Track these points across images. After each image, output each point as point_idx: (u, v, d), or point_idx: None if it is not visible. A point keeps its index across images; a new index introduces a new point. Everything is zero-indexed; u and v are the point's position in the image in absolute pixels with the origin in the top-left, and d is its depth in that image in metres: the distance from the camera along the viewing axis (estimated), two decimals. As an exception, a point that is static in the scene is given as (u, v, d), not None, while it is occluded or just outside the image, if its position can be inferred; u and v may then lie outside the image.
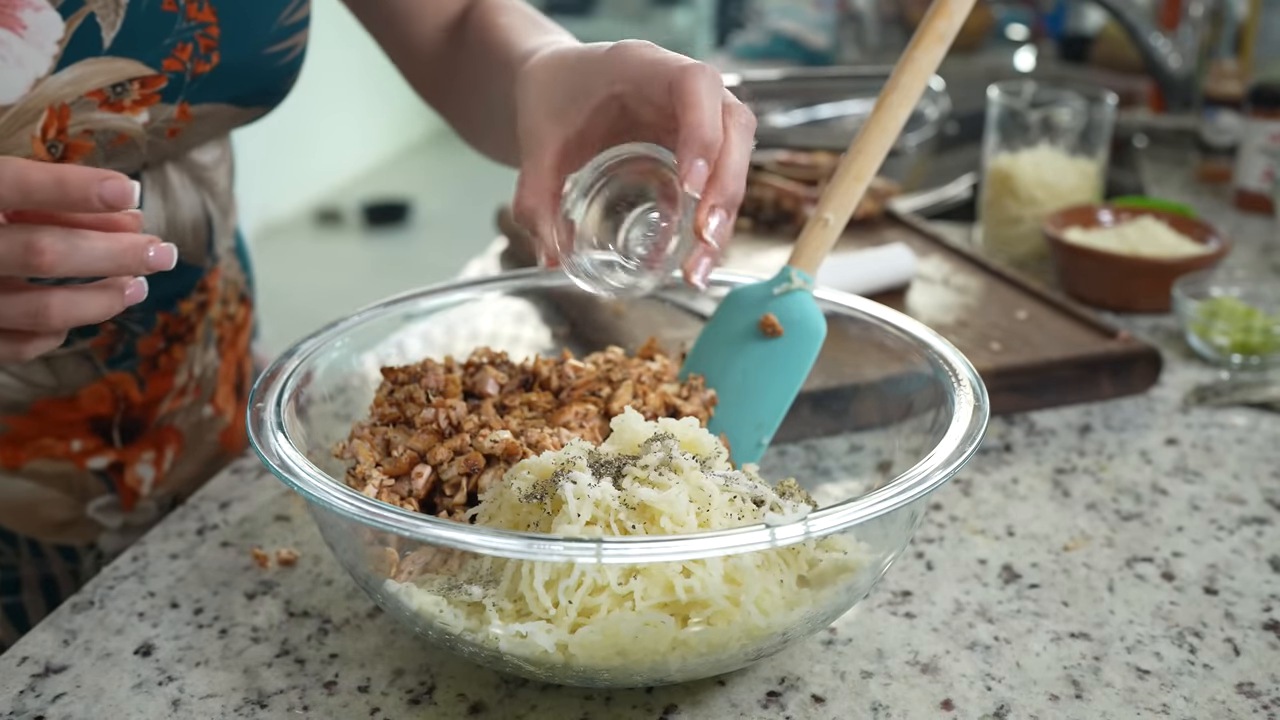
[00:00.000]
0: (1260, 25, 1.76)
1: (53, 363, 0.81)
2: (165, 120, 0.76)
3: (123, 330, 0.83)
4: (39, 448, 0.83)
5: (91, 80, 0.71)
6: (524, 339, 0.97)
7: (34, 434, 0.83)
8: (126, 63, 0.72)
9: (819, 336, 0.74)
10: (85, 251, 0.58)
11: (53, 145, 0.71)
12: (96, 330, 0.82)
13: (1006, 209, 1.31)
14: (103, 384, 0.84)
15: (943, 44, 0.76)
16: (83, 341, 0.81)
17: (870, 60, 2.51)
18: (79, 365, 0.82)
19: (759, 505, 0.62)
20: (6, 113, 0.68)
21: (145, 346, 0.85)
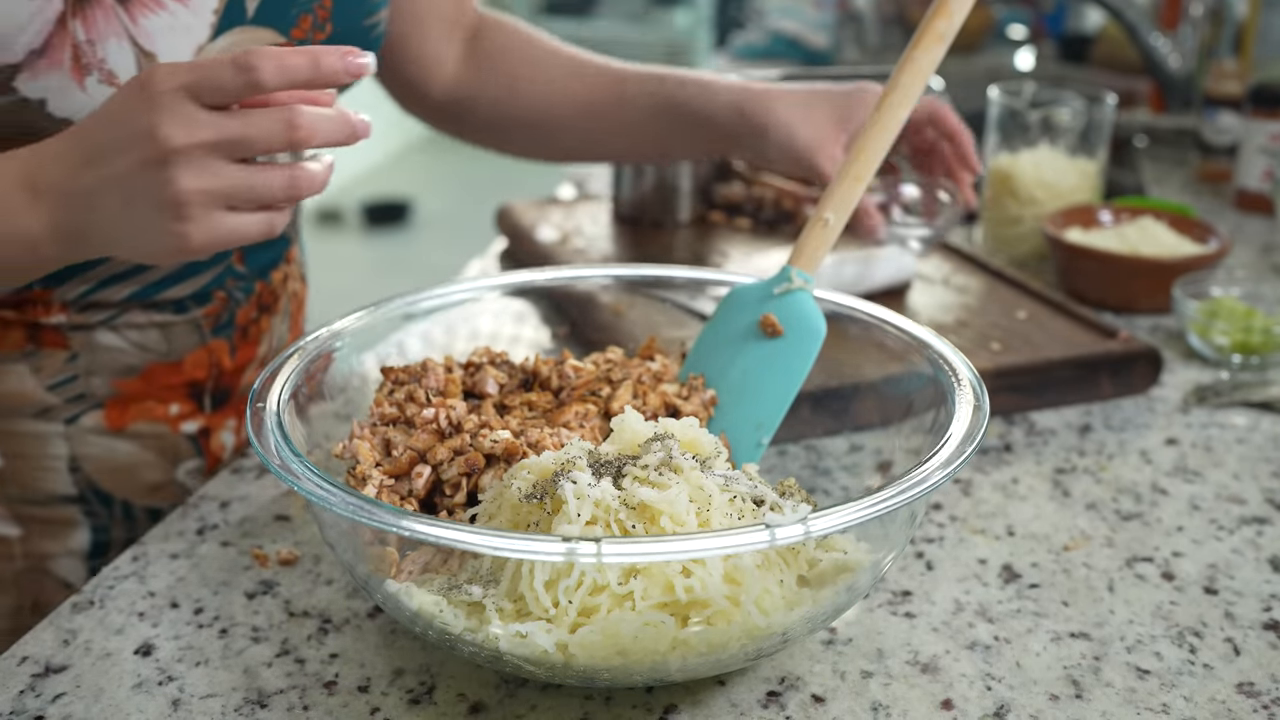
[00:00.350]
0: (1260, 25, 1.76)
1: (167, 330, 0.88)
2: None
3: (229, 299, 0.91)
4: (142, 410, 0.89)
5: (239, 47, 0.78)
6: (524, 339, 0.97)
7: (139, 397, 0.88)
8: (266, 31, 0.80)
9: (819, 336, 0.74)
10: (325, 120, 0.65)
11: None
12: (210, 299, 0.89)
13: (1006, 209, 1.31)
14: (204, 350, 0.90)
15: (943, 44, 0.76)
16: (198, 309, 0.88)
17: (870, 60, 2.51)
18: (190, 332, 0.89)
19: (759, 505, 0.62)
20: None
21: (242, 315, 0.92)
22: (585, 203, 1.40)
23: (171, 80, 0.63)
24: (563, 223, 1.32)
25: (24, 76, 0.71)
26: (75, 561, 0.89)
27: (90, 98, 0.73)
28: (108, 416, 0.87)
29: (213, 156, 0.63)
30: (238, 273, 0.90)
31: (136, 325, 0.86)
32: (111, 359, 0.86)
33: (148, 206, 0.64)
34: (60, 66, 0.72)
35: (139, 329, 0.86)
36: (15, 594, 0.88)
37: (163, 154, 0.63)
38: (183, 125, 0.63)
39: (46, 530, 0.88)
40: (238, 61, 0.62)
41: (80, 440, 0.87)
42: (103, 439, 0.88)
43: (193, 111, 0.63)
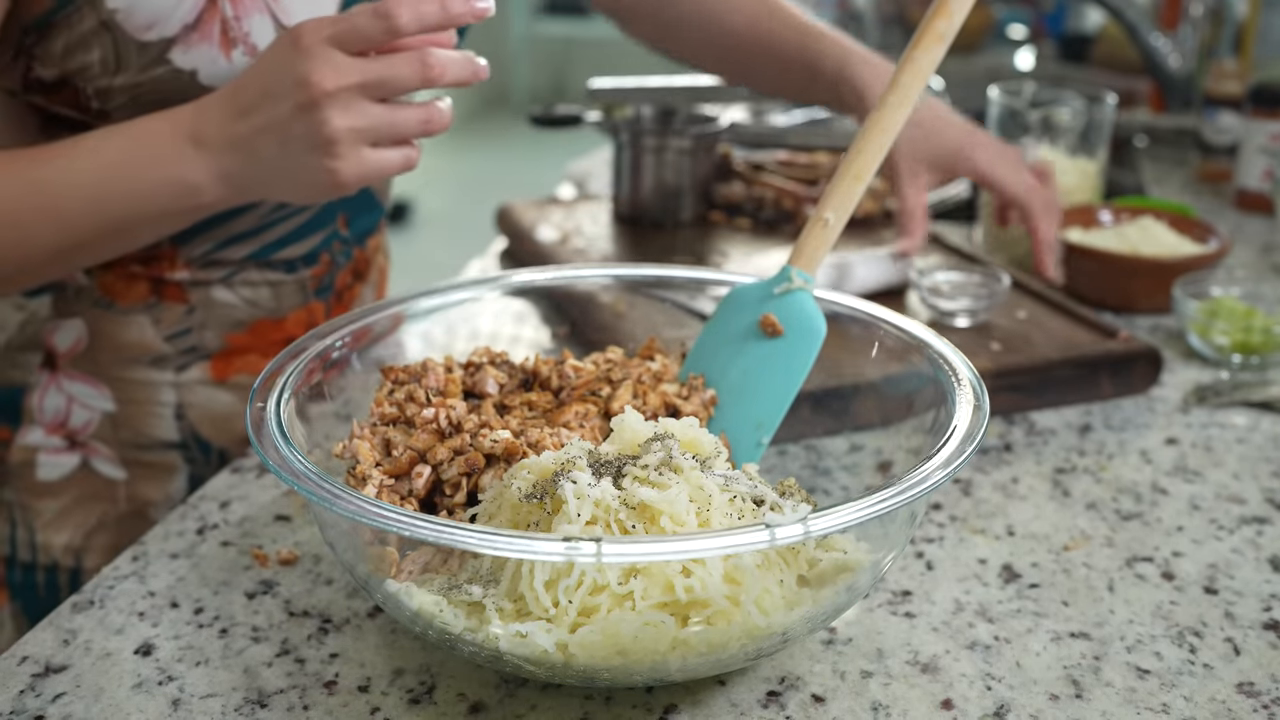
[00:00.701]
0: (1260, 25, 1.76)
1: (278, 288, 0.95)
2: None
3: (333, 262, 0.98)
4: (245, 364, 0.95)
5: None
6: (524, 339, 0.97)
7: (244, 351, 0.95)
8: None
9: (819, 336, 0.74)
10: (454, 61, 0.74)
11: None
12: (316, 260, 0.96)
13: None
14: (305, 310, 0.97)
15: (943, 44, 0.76)
16: (305, 270, 0.95)
17: (870, 60, 2.50)
18: (296, 291, 0.96)
19: (759, 505, 0.62)
20: None
21: (340, 280, 1.00)
22: (585, 203, 1.40)
23: (318, 33, 0.71)
24: (563, 223, 1.32)
25: (178, 49, 0.79)
26: (171, 508, 0.94)
27: (235, 68, 0.80)
28: (214, 368, 0.94)
29: (359, 97, 0.72)
30: (342, 236, 0.97)
31: (251, 283, 0.93)
32: (225, 314, 0.93)
33: (303, 148, 0.73)
34: (210, 40, 0.79)
35: (252, 286, 0.93)
36: (115, 535, 0.94)
37: (315, 98, 0.71)
38: (331, 71, 0.71)
39: (150, 475, 0.94)
40: (377, 10, 0.71)
41: (187, 389, 0.93)
42: (206, 389, 0.94)
43: (339, 58, 0.71)
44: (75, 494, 0.93)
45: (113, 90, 0.80)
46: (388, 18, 0.70)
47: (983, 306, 1.04)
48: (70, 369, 0.91)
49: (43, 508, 0.92)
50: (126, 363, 0.91)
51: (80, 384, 0.91)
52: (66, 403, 0.91)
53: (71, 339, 0.90)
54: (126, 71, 0.79)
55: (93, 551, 0.93)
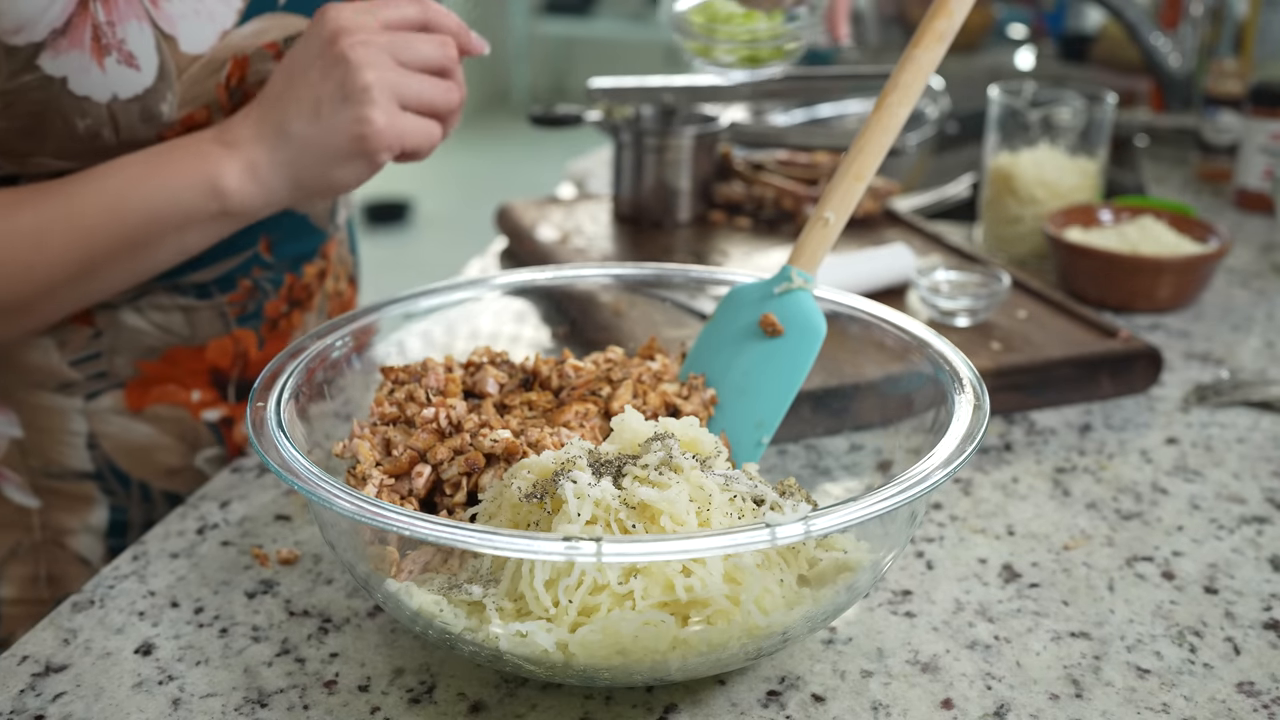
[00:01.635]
0: (1260, 24, 1.76)
1: (191, 314, 0.89)
2: None
3: (256, 289, 0.92)
4: (163, 393, 0.90)
5: (268, 34, 0.81)
6: (524, 338, 0.97)
7: (160, 380, 0.90)
8: (296, 18, 0.83)
9: (819, 335, 0.74)
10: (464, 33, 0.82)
11: (234, 92, 0.81)
12: (234, 286, 0.90)
13: (1007, 208, 1.31)
14: (229, 338, 0.92)
15: (943, 43, 0.76)
16: (221, 296, 0.90)
17: (870, 59, 2.51)
18: (214, 318, 0.90)
19: (759, 504, 0.62)
20: (198, 62, 0.78)
21: (270, 308, 0.94)
22: (585, 202, 1.40)
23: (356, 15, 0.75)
24: (563, 222, 1.32)
25: (47, 55, 0.74)
26: (93, 539, 0.91)
27: (109, 77, 0.75)
28: (128, 397, 0.89)
29: (385, 53, 0.75)
30: (265, 262, 0.91)
31: (160, 307, 0.88)
32: (134, 339, 0.88)
33: (335, 105, 0.74)
34: (81, 46, 0.74)
35: (163, 311, 0.88)
36: (33, 564, 0.90)
37: (343, 47, 0.74)
38: (360, 21, 0.75)
39: (65, 504, 0.90)
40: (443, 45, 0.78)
41: (99, 418, 0.88)
42: (121, 419, 0.89)
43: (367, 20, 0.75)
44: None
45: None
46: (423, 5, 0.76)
47: (983, 306, 1.04)
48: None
49: None
50: (32, 387, 0.86)
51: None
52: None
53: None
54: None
55: (7, 581, 0.90)
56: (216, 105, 0.80)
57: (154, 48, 0.76)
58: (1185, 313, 1.17)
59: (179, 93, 0.78)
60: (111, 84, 0.76)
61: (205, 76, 0.79)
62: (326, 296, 1.01)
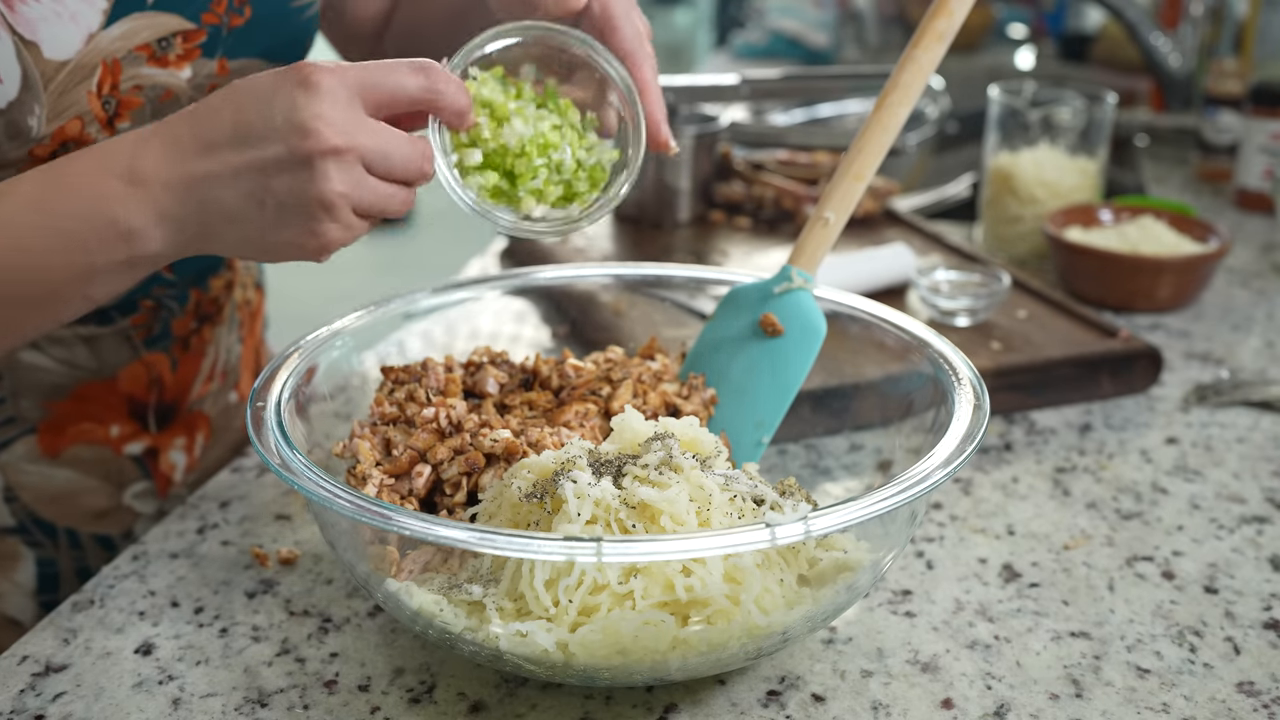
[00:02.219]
0: (1260, 24, 1.76)
1: (94, 344, 0.82)
2: (206, 76, 0.78)
3: (159, 308, 0.85)
4: (79, 433, 0.84)
5: (139, 35, 0.73)
6: (524, 338, 0.97)
7: (74, 419, 0.84)
8: (169, 17, 0.74)
9: (819, 335, 0.74)
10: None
11: (107, 101, 0.73)
12: (136, 307, 0.83)
13: (1007, 208, 1.31)
14: (140, 364, 0.85)
15: (943, 43, 0.76)
16: (123, 319, 0.83)
17: (870, 59, 2.51)
18: (119, 345, 0.84)
19: (759, 504, 0.62)
20: (65, 69, 0.70)
21: (179, 326, 0.87)
22: (585, 202, 1.40)
23: (339, 75, 0.61)
24: (563, 222, 1.32)
25: None
26: (23, 597, 0.85)
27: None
28: (41, 442, 0.83)
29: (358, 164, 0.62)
30: (166, 280, 0.84)
31: (60, 340, 0.81)
32: (38, 379, 0.81)
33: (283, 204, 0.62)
34: None
35: (64, 344, 0.81)
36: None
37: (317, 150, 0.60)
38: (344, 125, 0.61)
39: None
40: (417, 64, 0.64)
41: (14, 469, 0.82)
42: (38, 466, 0.83)
43: (357, 112, 0.62)
44: None
45: None
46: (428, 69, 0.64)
47: (983, 306, 1.04)
48: None
49: None
50: None
51: None
52: None
53: None
54: None
55: None
56: (90, 116, 0.72)
57: (14, 56, 0.68)
58: (1185, 313, 1.17)
59: (47, 104, 0.70)
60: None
61: (74, 85, 0.71)
62: (236, 307, 0.94)
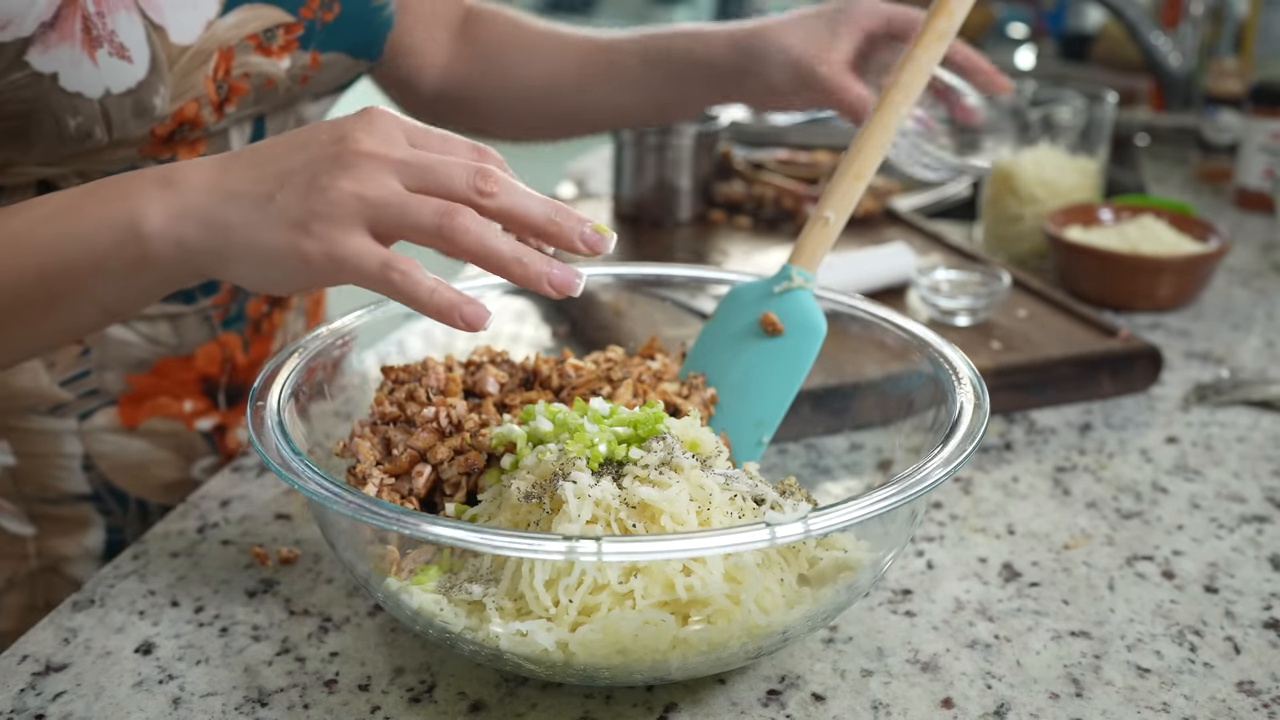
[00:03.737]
0: (1260, 23, 1.76)
1: (177, 321, 0.88)
2: (301, 67, 0.85)
3: (237, 290, 0.90)
4: (156, 407, 0.89)
5: (249, 25, 0.80)
6: (524, 337, 0.97)
7: (152, 393, 0.89)
8: (273, 9, 0.81)
9: (819, 335, 0.74)
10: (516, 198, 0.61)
11: (220, 85, 0.80)
12: (217, 288, 0.88)
13: (1007, 207, 1.31)
14: (215, 344, 0.90)
15: (943, 42, 0.76)
16: (205, 299, 0.88)
17: (870, 58, 2.51)
18: (199, 324, 0.89)
19: (759, 504, 0.62)
20: (187, 53, 0.77)
21: (253, 309, 0.92)
22: (585, 202, 1.40)
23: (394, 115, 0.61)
24: (563, 221, 1.32)
25: (35, 50, 0.71)
26: (89, 562, 0.90)
27: (101, 71, 0.73)
28: (121, 413, 0.88)
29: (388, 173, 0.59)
30: None
31: (147, 317, 0.86)
32: (123, 353, 0.86)
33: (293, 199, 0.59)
34: (71, 39, 0.71)
35: (149, 321, 0.86)
36: (28, 594, 0.89)
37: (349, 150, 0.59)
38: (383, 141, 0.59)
39: (61, 529, 0.88)
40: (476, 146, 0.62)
41: (94, 438, 0.87)
42: (116, 436, 0.88)
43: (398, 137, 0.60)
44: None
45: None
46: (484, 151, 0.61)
47: (983, 305, 1.04)
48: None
49: None
50: (23, 413, 0.85)
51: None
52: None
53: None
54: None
55: (5, 613, 0.88)
56: (205, 99, 0.78)
57: (145, 38, 0.74)
58: (1185, 312, 1.17)
59: (171, 85, 0.76)
60: (104, 78, 0.73)
61: (194, 69, 0.77)
62: (303, 295, 0.99)
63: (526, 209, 0.60)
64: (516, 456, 0.63)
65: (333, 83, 0.91)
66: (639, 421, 0.63)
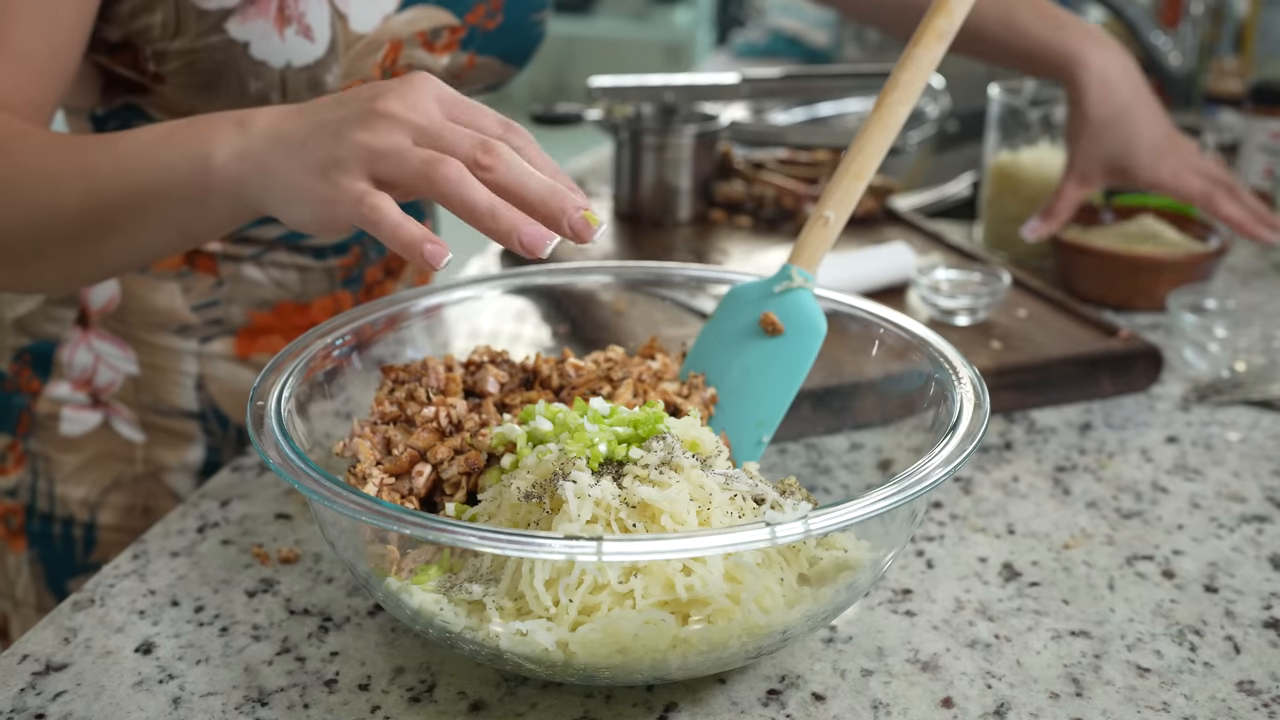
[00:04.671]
0: (1260, 23, 1.76)
1: (305, 273, 0.97)
2: (457, 66, 0.94)
3: (364, 255, 1.00)
4: (268, 344, 0.98)
5: (420, 23, 0.89)
6: (524, 337, 0.97)
7: (268, 331, 0.98)
8: (443, 12, 0.90)
9: (819, 334, 0.74)
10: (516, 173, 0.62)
11: (385, 73, 0.88)
12: (346, 250, 0.98)
13: (1007, 207, 1.31)
14: (331, 298, 0.99)
15: (943, 42, 0.76)
16: (334, 258, 0.98)
17: (871, 58, 2.51)
18: (322, 279, 0.98)
19: (759, 503, 0.62)
20: (362, 41, 0.86)
21: (370, 274, 1.02)
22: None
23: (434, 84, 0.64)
24: (563, 221, 1.32)
25: (234, 20, 0.82)
26: (187, 476, 0.98)
27: (287, 45, 0.83)
28: (237, 343, 0.97)
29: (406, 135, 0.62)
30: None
31: (279, 264, 0.96)
32: (251, 291, 0.96)
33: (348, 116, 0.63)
34: (267, 15, 0.82)
35: (280, 268, 0.96)
36: (131, 495, 0.98)
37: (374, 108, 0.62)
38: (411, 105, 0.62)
39: (168, 441, 0.97)
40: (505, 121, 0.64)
41: (209, 361, 0.96)
42: (228, 364, 0.97)
43: (430, 105, 0.63)
44: (94, 451, 0.96)
45: (169, 54, 0.83)
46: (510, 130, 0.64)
47: (983, 305, 1.04)
48: (100, 328, 0.94)
49: (63, 461, 0.96)
50: (154, 328, 0.95)
51: (108, 344, 0.95)
52: (94, 361, 0.95)
53: (105, 298, 0.94)
54: (184, 36, 0.82)
55: (107, 508, 0.97)
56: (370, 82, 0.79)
57: (329, 23, 0.84)
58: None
59: (343, 66, 0.85)
60: (288, 52, 0.83)
61: (366, 55, 0.86)
62: (415, 271, 1.07)
63: (523, 185, 0.61)
64: (516, 456, 0.64)
65: (481, 82, 0.99)
66: (639, 421, 0.64)
